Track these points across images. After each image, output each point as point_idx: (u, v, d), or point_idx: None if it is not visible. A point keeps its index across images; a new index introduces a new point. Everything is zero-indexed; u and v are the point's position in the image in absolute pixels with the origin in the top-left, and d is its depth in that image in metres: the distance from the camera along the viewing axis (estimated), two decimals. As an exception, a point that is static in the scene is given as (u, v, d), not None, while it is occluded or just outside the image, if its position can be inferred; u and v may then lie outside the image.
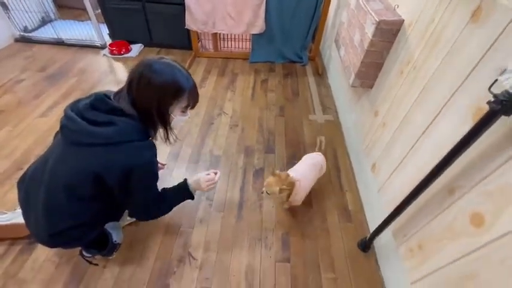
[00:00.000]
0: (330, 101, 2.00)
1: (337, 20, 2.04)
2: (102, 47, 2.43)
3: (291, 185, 1.10)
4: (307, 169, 1.22)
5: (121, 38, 2.42)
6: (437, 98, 0.83)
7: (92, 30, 2.43)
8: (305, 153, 1.57)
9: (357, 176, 1.45)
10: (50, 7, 2.72)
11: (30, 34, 2.48)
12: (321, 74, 2.28)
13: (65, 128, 0.77)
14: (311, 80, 2.22)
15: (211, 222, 1.23)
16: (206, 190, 1.04)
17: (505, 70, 0.51)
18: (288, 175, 1.11)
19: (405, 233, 0.94)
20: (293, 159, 1.54)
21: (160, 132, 0.90)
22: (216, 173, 1.06)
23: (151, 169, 0.85)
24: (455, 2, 0.79)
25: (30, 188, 0.86)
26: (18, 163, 1.41)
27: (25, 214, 0.88)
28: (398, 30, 1.10)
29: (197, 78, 2.16)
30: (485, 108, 0.56)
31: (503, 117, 0.55)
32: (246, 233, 1.20)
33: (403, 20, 1.07)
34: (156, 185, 0.90)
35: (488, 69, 0.65)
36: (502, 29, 0.61)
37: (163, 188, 0.99)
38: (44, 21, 2.65)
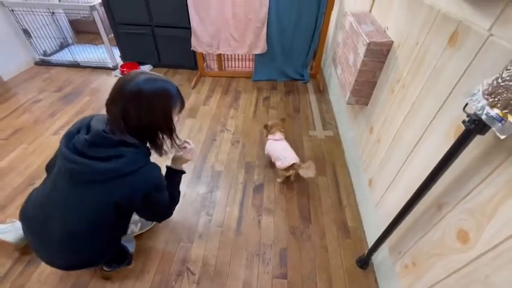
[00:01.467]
0: (330, 117, 2.04)
1: (337, 38, 2.11)
2: (114, 68, 2.58)
3: (269, 130, 1.57)
4: (277, 146, 1.51)
5: (131, 60, 2.57)
6: (423, 116, 0.86)
7: (105, 53, 2.60)
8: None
9: (356, 191, 1.45)
10: (69, 33, 2.94)
11: (49, 58, 2.67)
12: (322, 90, 2.34)
13: (74, 171, 0.77)
14: (312, 96, 2.28)
15: (210, 237, 1.25)
16: (191, 158, 1.10)
17: (473, 94, 0.54)
18: (278, 129, 1.56)
19: (400, 250, 0.94)
20: (293, 174, 1.57)
21: (167, 144, 0.93)
22: (187, 142, 1.08)
23: (163, 183, 0.94)
24: (435, 26, 0.84)
25: (33, 225, 0.88)
26: (31, 179, 1.50)
27: (33, 246, 0.91)
28: (388, 51, 1.15)
29: (202, 96, 2.25)
30: (463, 126, 0.59)
31: (478, 136, 0.57)
32: (244, 248, 1.22)
33: (392, 42, 1.12)
34: (166, 193, 0.97)
35: (463, 92, 0.68)
36: (474, 54, 0.65)
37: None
38: (62, 46, 2.86)
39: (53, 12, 2.66)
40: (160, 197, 0.92)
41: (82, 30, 3.24)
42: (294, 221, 1.33)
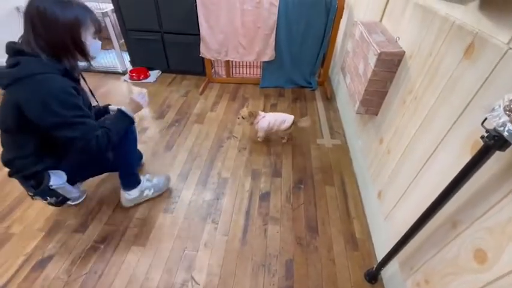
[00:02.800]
0: (338, 125, 2.03)
1: (345, 46, 2.11)
2: (124, 73, 2.62)
3: (255, 113, 1.71)
4: (272, 117, 1.71)
5: (141, 65, 2.61)
6: (437, 129, 0.84)
7: (115, 58, 2.64)
8: (312, 177, 1.59)
9: (364, 202, 1.43)
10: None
11: (61, 62, 2.73)
12: (329, 98, 2.33)
13: None
14: (320, 104, 2.26)
15: (215, 245, 1.24)
16: (141, 102, 1.17)
17: (493, 109, 0.52)
18: (255, 110, 1.72)
19: (412, 266, 0.91)
20: (300, 183, 1.55)
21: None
22: (141, 89, 1.20)
23: (66, 97, 0.91)
24: (450, 37, 0.82)
25: None
26: (40, 182, 1.51)
27: None
28: (400, 61, 1.14)
29: (209, 102, 2.26)
30: (481, 142, 0.57)
31: (498, 152, 0.55)
32: (250, 258, 1.20)
33: (404, 52, 1.11)
34: (83, 115, 0.96)
35: (481, 106, 0.66)
36: (492, 68, 0.63)
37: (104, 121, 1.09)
38: (74, 50, 2.91)
39: (67, 18, 2.72)
40: (69, 115, 0.91)
41: (93, 35, 3.31)
42: (300, 231, 1.31)
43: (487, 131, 0.55)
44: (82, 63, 1.06)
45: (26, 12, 0.88)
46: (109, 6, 2.38)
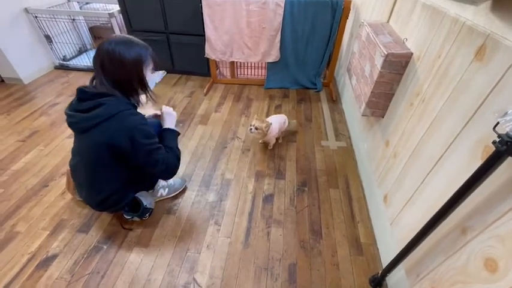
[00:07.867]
0: (343, 127, 2.00)
1: (351, 47, 2.09)
2: (129, 74, 2.63)
3: (268, 124, 1.63)
4: (275, 121, 1.70)
5: (146, 66, 2.62)
6: (446, 132, 0.81)
7: (121, 58, 2.66)
8: (316, 179, 1.58)
9: (370, 206, 1.40)
10: (87, 39, 3.04)
11: (68, 62, 2.76)
12: (335, 100, 2.30)
13: (71, 124, 1.02)
14: (325, 106, 2.24)
15: (218, 247, 1.23)
16: (172, 112, 1.28)
17: (506, 113, 0.50)
18: (264, 119, 1.67)
19: (418, 273, 0.89)
20: (304, 185, 1.53)
21: (143, 97, 1.12)
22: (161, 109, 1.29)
23: (146, 128, 1.04)
24: (460, 39, 0.80)
25: (74, 176, 1.19)
26: (45, 180, 1.52)
27: (79, 193, 1.22)
28: (407, 63, 1.12)
29: (214, 103, 2.26)
30: (493, 147, 0.55)
31: (510, 158, 0.53)
32: (252, 261, 1.18)
33: (412, 53, 1.08)
34: (158, 141, 1.10)
35: (493, 109, 0.64)
36: (505, 70, 0.61)
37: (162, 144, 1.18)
38: (81, 51, 2.95)
39: (74, 19, 2.76)
40: (149, 143, 1.04)
41: (100, 36, 3.34)
42: (304, 234, 1.29)
43: (499, 136, 0.53)
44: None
45: (96, 56, 0.96)
46: (115, 7, 2.40)
